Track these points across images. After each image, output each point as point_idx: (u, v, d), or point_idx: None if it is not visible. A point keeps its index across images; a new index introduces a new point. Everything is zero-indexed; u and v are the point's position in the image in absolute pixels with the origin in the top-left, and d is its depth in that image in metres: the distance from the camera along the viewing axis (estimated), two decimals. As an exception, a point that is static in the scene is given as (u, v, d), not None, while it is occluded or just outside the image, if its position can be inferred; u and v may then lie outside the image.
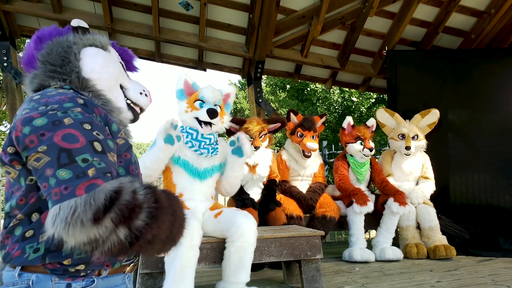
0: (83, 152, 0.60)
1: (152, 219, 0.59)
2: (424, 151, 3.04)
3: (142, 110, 0.93)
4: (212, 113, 1.67)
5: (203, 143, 1.74)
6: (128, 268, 0.76)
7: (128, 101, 0.90)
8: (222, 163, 1.84)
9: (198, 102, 1.74)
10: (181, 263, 1.42)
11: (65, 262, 0.63)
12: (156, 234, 0.60)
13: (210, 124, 1.71)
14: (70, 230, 0.53)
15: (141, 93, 0.91)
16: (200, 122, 1.72)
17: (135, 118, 0.91)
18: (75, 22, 0.88)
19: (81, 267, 0.65)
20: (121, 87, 0.88)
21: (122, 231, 0.56)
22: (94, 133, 0.64)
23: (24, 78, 0.82)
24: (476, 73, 3.36)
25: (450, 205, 3.18)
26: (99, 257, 0.59)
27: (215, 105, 1.75)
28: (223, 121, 1.79)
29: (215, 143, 1.79)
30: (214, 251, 1.66)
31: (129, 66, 1.01)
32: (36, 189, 0.64)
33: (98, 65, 0.82)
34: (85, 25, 0.89)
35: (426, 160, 3.02)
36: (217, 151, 1.79)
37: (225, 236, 1.64)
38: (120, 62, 0.91)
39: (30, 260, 0.62)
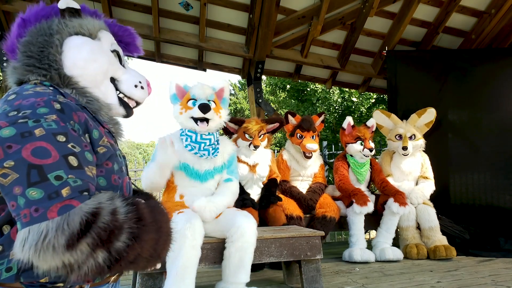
0: (56, 168, 0.53)
1: (133, 240, 0.54)
2: (424, 151, 3.04)
3: (138, 103, 0.84)
4: (204, 108, 1.64)
5: (203, 145, 1.72)
6: (112, 278, 0.71)
7: (121, 95, 0.81)
8: (224, 163, 1.82)
9: (191, 101, 1.72)
10: (183, 263, 1.42)
11: (42, 281, 0.58)
12: (139, 254, 0.56)
13: (206, 120, 1.68)
14: (41, 255, 0.48)
15: (136, 86, 0.81)
16: (196, 120, 1.70)
17: (127, 114, 0.82)
18: (62, 4, 0.75)
19: (60, 284, 0.60)
20: (113, 79, 0.79)
21: (100, 255, 0.52)
22: (69, 145, 0.57)
23: (5, 68, 0.74)
24: (476, 73, 3.36)
25: (450, 205, 3.18)
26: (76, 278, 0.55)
27: (208, 100, 1.73)
28: (221, 116, 1.75)
29: (216, 144, 1.77)
30: (214, 251, 1.66)
31: (130, 49, 0.91)
32: (5, 202, 0.57)
33: (82, 59, 0.72)
34: (75, 5, 0.77)
35: (425, 159, 3.01)
36: (218, 152, 1.77)
37: (225, 236, 1.63)
38: (114, 50, 0.81)
39: (2, 279, 0.56)
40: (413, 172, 2.96)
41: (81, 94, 0.71)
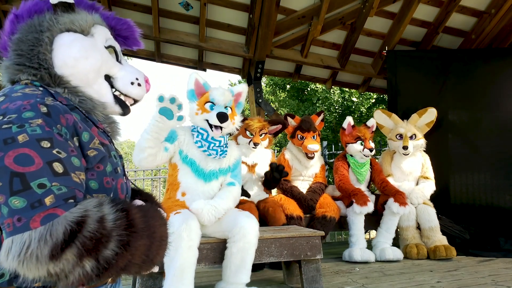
0: (39, 176, 0.51)
1: (123, 247, 0.53)
2: (424, 151, 3.04)
3: (136, 101, 0.81)
4: (222, 117, 1.64)
5: (212, 145, 1.72)
6: (110, 279, 0.68)
7: (117, 93, 0.77)
8: (229, 166, 1.81)
9: (209, 104, 1.70)
10: (180, 264, 1.42)
11: (35, 285, 0.57)
12: (130, 261, 0.55)
13: (220, 127, 1.69)
14: (25, 266, 0.48)
15: (132, 83, 0.78)
16: (210, 125, 1.70)
17: (124, 112, 0.79)
18: None
19: None
20: (109, 77, 0.76)
21: (87, 264, 0.51)
22: (54, 151, 0.55)
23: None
24: (476, 73, 3.36)
25: (450, 205, 3.18)
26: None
27: (226, 107, 1.72)
28: (234, 122, 1.75)
29: (224, 146, 1.77)
30: (214, 251, 1.65)
31: (129, 43, 0.88)
32: None
33: (71, 58, 0.69)
34: None
35: (426, 160, 3.01)
36: (226, 154, 1.77)
37: (226, 237, 1.63)
38: (110, 46, 0.77)
39: None
40: (414, 172, 2.96)
41: (73, 93, 0.69)
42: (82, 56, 0.70)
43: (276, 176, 2.28)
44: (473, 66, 3.38)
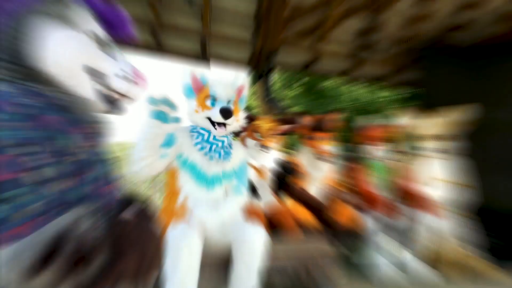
0: (13, 187, 0.53)
1: (109, 263, 0.54)
2: (456, 153, 2.79)
3: (126, 96, 0.76)
4: (226, 113, 1.53)
5: (214, 146, 1.61)
6: None
7: (101, 87, 0.73)
8: (234, 170, 1.70)
9: (209, 99, 1.60)
10: (181, 279, 1.30)
11: None
12: (118, 277, 0.55)
13: (224, 124, 1.58)
14: (5, 280, 0.49)
15: (117, 75, 0.73)
16: (213, 123, 1.59)
17: (110, 110, 0.74)
18: None
19: None
20: (91, 69, 0.71)
21: (70, 280, 0.52)
22: (30, 159, 0.56)
23: None
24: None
25: (483, 211, 2.88)
26: None
27: (229, 101, 1.62)
28: (238, 119, 1.65)
29: (228, 147, 1.66)
30: (217, 267, 1.50)
31: (118, 31, 0.83)
32: None
33: (50, 50, 0.66)
34: None
35: (454, 163, 2.78)
36: (230, 156, 1.66)
37: (230, 247, 1.48)
38: (92, 35, 0.73)
39: None
40: (440, 176, 2.73)
41: (52, 90, 0.67)
42: (60, 48, 0.68)
43: (283, 174, 2.18)
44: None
